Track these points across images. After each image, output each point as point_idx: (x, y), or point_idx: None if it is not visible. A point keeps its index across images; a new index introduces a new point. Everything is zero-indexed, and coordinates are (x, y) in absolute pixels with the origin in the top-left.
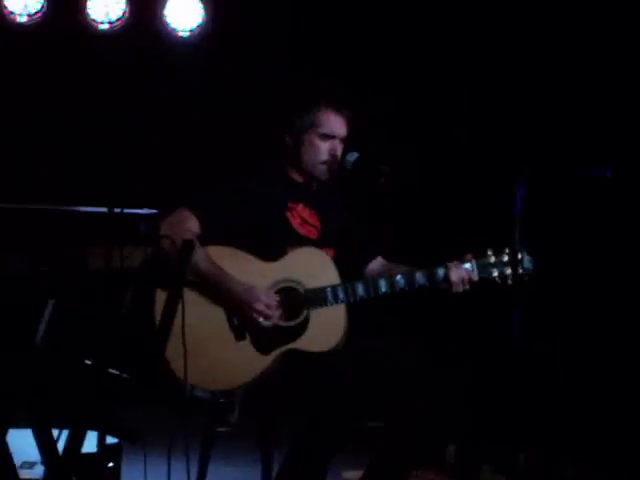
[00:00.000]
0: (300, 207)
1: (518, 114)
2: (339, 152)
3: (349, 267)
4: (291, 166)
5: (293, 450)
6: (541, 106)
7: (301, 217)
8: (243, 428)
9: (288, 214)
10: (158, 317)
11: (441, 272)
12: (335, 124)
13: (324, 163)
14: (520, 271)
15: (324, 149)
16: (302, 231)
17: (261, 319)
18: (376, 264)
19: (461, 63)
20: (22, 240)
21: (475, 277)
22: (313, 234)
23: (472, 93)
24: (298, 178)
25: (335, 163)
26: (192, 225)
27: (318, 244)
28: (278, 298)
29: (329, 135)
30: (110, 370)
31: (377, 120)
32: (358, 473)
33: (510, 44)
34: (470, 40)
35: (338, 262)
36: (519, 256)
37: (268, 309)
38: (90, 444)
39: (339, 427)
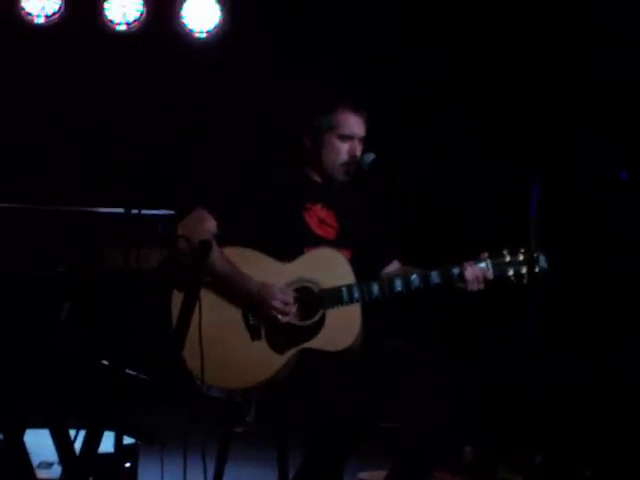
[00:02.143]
0: (318, 207)
1: (533, 113)
2: (358, 152)
3: (365, 269)
4: (310, 167)
5: (309, 450)
6: (556, 106)
7: (319, 217)
8: (259, 428)
9: (305, 214)
10: (175, 317)
11: (456, 271)
12: (354, 125)
13: (344, 164)
14: (536, 270)
15: (344, 150)
16: (319, 232)
17: (279, 316)
18: (392, 267)
19: (478, 62)
20: (40, 241)
21: (490, 276)
22: (330, 234)
23: (488, 92)
24: (317, 178)
25: (354, 164)
26: (209, 225)
27: (335, 244)
28: (294, 295)
29: (349, 136)
30: (127, 370)
31: (392, 120)
32: (373, 474)
33: (529, 44)
34: (487, 39)
35: (355, 263)
36: (535, 255)
37: (285, 306)
38: (107, 444)
39: (354, 427)
